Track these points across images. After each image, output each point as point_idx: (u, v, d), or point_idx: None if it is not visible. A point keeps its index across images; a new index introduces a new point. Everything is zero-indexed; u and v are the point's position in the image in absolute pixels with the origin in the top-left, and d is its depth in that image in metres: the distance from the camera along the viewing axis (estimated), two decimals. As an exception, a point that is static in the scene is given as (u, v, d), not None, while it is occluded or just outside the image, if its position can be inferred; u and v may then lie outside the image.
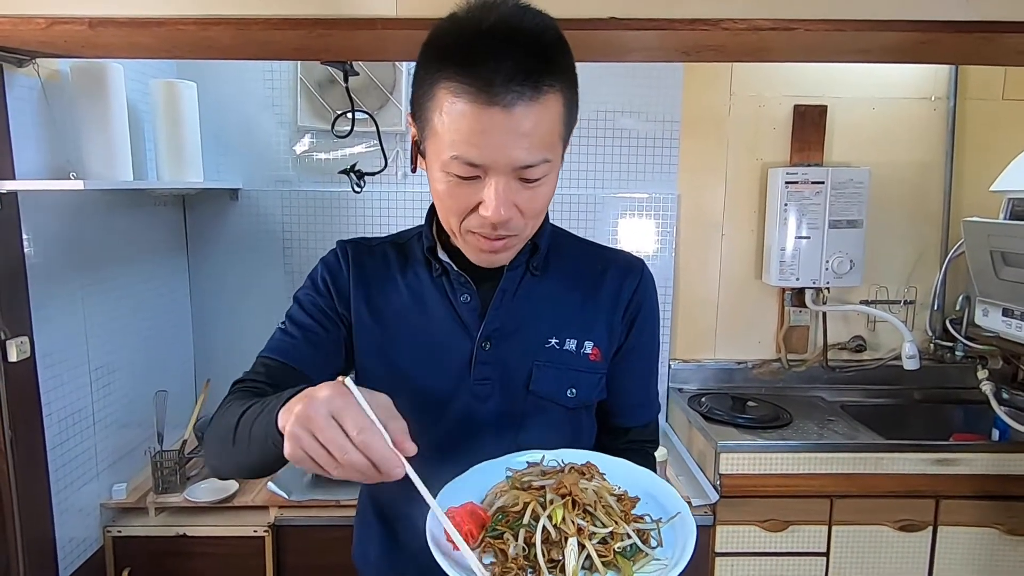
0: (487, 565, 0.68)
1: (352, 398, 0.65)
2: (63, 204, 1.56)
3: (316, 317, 0.94)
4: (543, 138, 0.75)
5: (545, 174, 0.78)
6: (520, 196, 0.77)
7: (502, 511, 0.73)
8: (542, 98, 0.72)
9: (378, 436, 0.64)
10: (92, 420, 1.67)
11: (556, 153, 0.79)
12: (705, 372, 2.34)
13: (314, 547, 1.73)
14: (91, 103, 1.51)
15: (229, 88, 2.11)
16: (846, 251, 2.14)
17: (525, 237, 0.85)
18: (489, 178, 0.75)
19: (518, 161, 0.74)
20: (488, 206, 0.76)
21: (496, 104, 0.70)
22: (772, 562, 1.85)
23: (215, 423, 0.84)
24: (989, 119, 2.24)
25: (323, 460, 0.63)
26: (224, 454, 0.81)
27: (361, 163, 2.08)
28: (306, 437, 0.63)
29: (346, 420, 0.63)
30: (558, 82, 0.74)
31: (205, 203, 2.14)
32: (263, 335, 2.43)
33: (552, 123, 0.76)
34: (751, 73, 2.23)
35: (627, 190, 2.23)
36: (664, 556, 0.73)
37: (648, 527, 0.75)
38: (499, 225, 0.78)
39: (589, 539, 0.70)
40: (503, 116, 0.71)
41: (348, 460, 0.63)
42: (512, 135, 0.72)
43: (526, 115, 0.72)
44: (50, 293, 1.50)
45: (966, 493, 1.84)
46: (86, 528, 1.65)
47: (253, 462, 0.77)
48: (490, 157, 0.73)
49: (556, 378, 0.91)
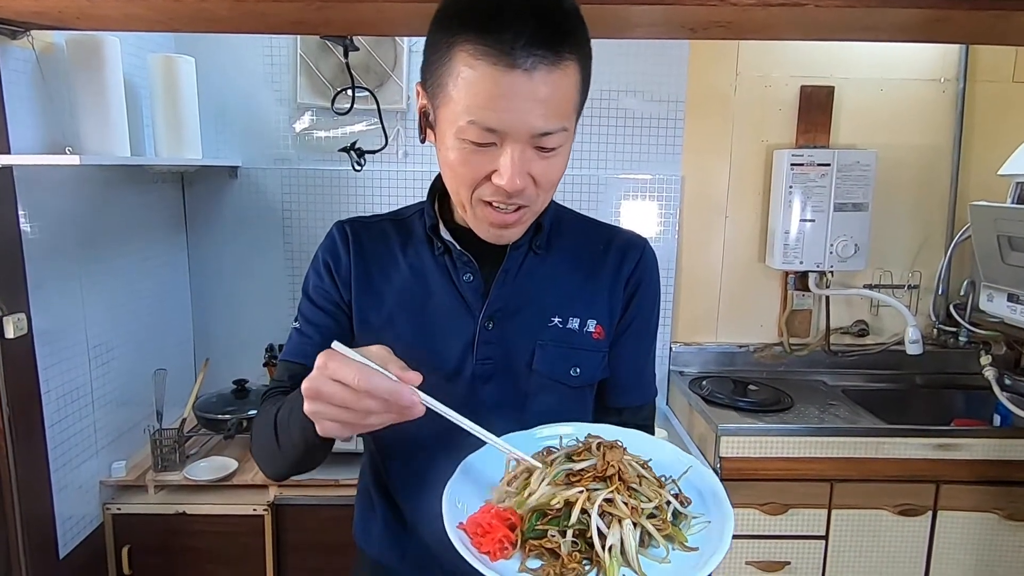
0: (536, 569, 0.66)
1: (343, 356, 0.67)
2: (60, 180, 1.55)
3: (327, 310, 0.93)
4: (561, 106, 0.74)
5: (561, 144, 0.76)
6: (535, 166, 0.76)
7: (537, 511, 0.70)
8: (562, 64, 0.71)
9: (377, 375, 0.66)
10: (91, 398, 1.66)
11: (572, 123, 0.77)
12: (706, 355, 2.33)
13: (313, 526, 1.74)
14: (87, 77, 1.49)
15: (228, 64, 2.08)
16: (851, 234, 2.12)
17: (537, 210, 0.83)
18: (505, 146, 0.74)
19: (536, 128, 0.73)
20: (503, 174, 0.74)
21: (517, 68, 0.69)
22: (772, 545, 1.86)
23: (256, 436, 0.89)
24: (999, 102, 2.21)
25: (347, 419, 0.67)
26: (278, 461, 0.86)
27: (361, 141, 2.06)
28: (322, 408, 0.67)
29: (343, 375, 0.65)
30: (577, 50, 0.73)
31: (204, 181, 2.12)
32: (263, 314, 2.43)
33: (570, 91, 0.75)
34: (758, 53, 2.19)
35: (630, 171, 2.21)
36: (698, 512, 0.72)
37: (672, 491, 0.74)
38: (514, 194, 0.76)
39: (640, 515, 0.68)
40: (524, 80, 0.70)
41: (363, 407, 0.66)
42: (531, 100, 0.71)
43: (546, 81, 0.71)
44: (47, 270, 1.49)
45: (966, 478, 1.84)
46: (85, 505, 1.65)
47: (305, 457, 0.82)
48: (508, 122, 0.72)
49: (559, 357, 0.90)
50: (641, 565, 0.65)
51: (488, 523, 0.69)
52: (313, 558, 1.75)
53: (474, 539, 0.68)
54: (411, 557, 0.94)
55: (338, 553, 1.71)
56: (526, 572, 0.65)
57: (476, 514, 0.71)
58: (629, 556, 0.66)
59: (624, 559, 0.66)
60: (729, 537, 0.67)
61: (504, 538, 0.67)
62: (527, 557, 0.67)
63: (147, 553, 1.71)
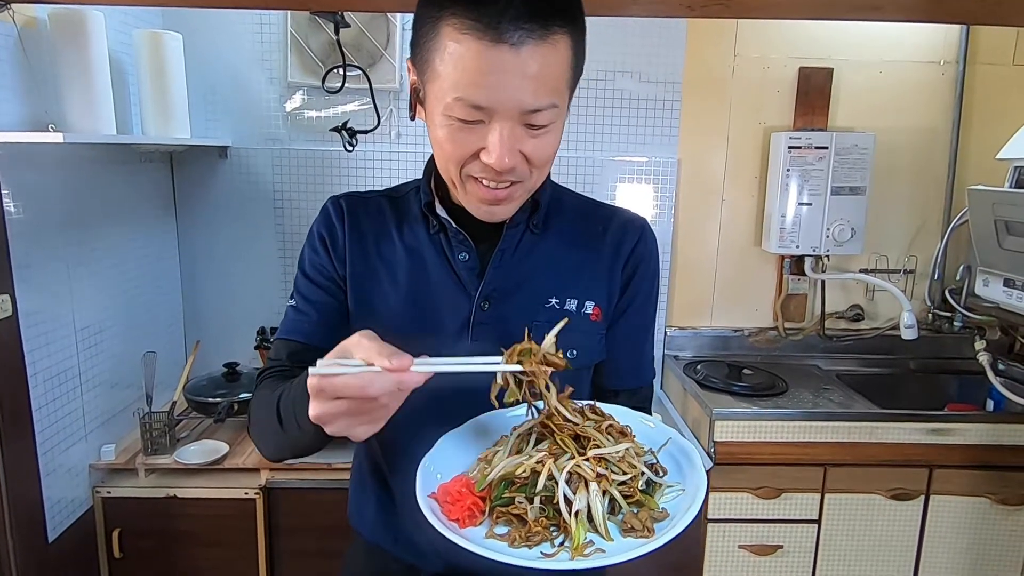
0: (503, 535, 0.66)
1: (331, 377, 0.64)
2: (44, 158, 1.51)
3: (323, 286, 0.91)
4: (551, 82, 0.71)
5: (552, 121, 0.74)
6: (526, 144, 0.74)
7: (505, 479, 0.70)
8: (551, 38, 0.69)
9: (375, 380, 0.62)
10: (79, 380, 1.64)
11: (563, 100, 0.75)
12: (701, 339, 2.32)
13: (306, 509, 1.73)
14: (71, 52, 1.45)
15: (217, 41, 2.04)
16: (847, 218, 2.11)
17: (530, 188, 0.81)
18: (494, 123, 0.72)
19: (525, 104, 0.71)
20: (492, 152, 0.72)
21: (504, 42, 0.67)
22: (764, 529, 1.86)
23: (256, 420, 0.87)
24: (998, 85, 2.19)
25: (367, 420, 0.66)
26: (284, 447, 0.84)
27: (353, 121, 2.03)
28: (342, 424, 0.65)
29: (344, 392, 0.63)
30: (568, 24, 0.71)
31: (193, 161, 2.08)
32: (254, 296, 2.40)
33: (560, 67, 0.72)
34: (756, 34, 2.16)
35: (626, 153, 2.18)
36: (673, 482, 0.72)
37: (648, 460, 0.74)
38: (503, 172, 0.74)
39: (611, 483, 0.68)
40: (511, 55, 0.68)
41: (373, 408, 0.64)
42: (520, 76, 0.69)
43: (534, 55, 0.68)
44: (33, 250, 1.46)
45: (959, 463, 1.84)
46: (75, 488, 1.64)
47: (312, 445, 0.80)
48: (496, 99, 0.70)
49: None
50: (608, 530, 0.66)
51: (458, 491, 0.69)
52: (305, 541, 1.74)
53: (444, 507, 0.69)
54: (404, 538, 0.93)
55: (330, 536, 1.70)
56: (493, 538, 0.66)
57: (448, 483, 0.71)
58: (596, 521, 0.66)
59: (591, 525, 0.66)
60: (699, 503, 0.67)
61: (473, 505, 0.68)
62: (495, 524, 0.68)
63: (138, 537, 1.70)
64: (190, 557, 1.72)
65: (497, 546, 0.65)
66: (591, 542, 0.65)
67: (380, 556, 0.97)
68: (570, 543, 0.65)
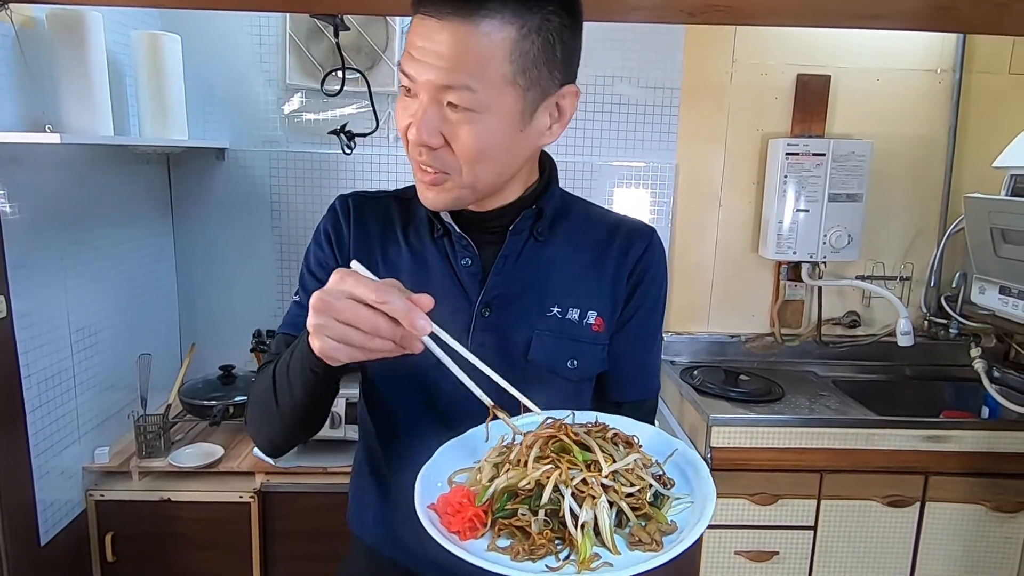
0: (505, 548, 0.64)
1: (361, 275, 0.67)
2: (41, 159, 1.50)
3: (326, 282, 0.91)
4: (470, 64, 0.72)
5: (468, 105, 0.73)
6: (446, 126, 0.75)
7: (508, 491, 0.68)
8: (478, 20, 0.71)
9: (395, 292, 0.65)
10: (73, 382, 1.63)
11: (488, 88, 0.73)
12: (698, 345, 2.32)
13: (301, 513, 1.72)
14: (68, 53, 1.45)
15: (215, 43, 2.03)
16: (845, 225, 2.11)
17: (464, 183, 0.80)
18: (419, 96, 0.75)
19: (434, 79, 0.73)
20: (413, 124, 0.76)
21: (431, 16, 0.72)
22: (760, 535, 1.86)
23: (253, 402, 0.87)
24: (995, 93, 2.20)
25: (353, 337, 0.66)
26: (275, 423, 0.84)
27: (352, 124, 2.02)
28: (329, 323, 0.66)
29: (361, 291, 0.65)
30: (508, 12, 0.71)
31: (190, 162, 2.08)
32: (250, 299, 2.39)
33: (488, 52, 0.72)
34: (754, 40, 2.17)
35: (624, 158, 2.18)
36: (681, 493, 0.71)
37: (655, 471, 0.73)
38: (419, 146, 0.77)
39: (620, 496, 0.66)
40: (435, 28, 0.71)
41: (374, 325, 0.65)
42: (437, 50, 0.72)
43: (455, 32, 0.71)
44: (28, 251, 1.45)
45: (955, 470, 1.84)
46: (68, 491, 1.62)
47: (299, 403, 0.79)
48: (415, 69, 0.74)
49: (556, 348, 0.88)
50: (616, 543, 0.64)
51: (458, 502, 0.68)
52: (300, 545, 1.73)
53: (444, 518, 0.67)
54: (404, 543, 0.92)
55: (326, 540, 1.69)
56: (495, 551, 0.64)
57: (447, 494, 0.70)
58: (603, 534, 0.64)
59: (598, 538, 0.65)
60: (708, 517, 0.66)
61: (474, 517, 0.67)
62: (497, 536, 0.66)
63: (131, 540, 1.69)
64: (184, 561, 1.71)
65: (500, 559, 0.63)
66: (597, 555, 0.63)
67: (380, 560, 0.96)
68: (576, 556, 0.63)
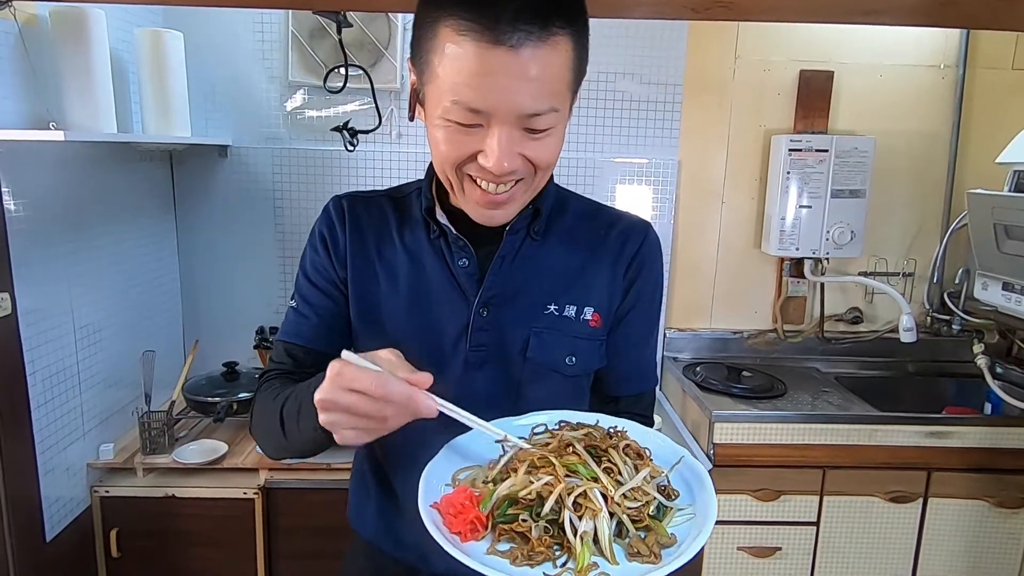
0: (505, 552, 0.65)
1: (355, 365, 0.66)
2: (45, 157, 1.51)
3: (323, 288, 0.91)
4: (551, 84, 0.70)
5: (552, 125, 0.73)
6: (526, 147, 0.73)
7: (510, 498, 0.69)
8: (552, 39, 0.68)
9: (392, 381, 0.65)
10: (78, 379, 1.64)
11: (564, 103, 0.74)
12: (701, 341, 2.32)
13: (305, 509, 1.72)
14: (72, 50, 1.45)
15: (218, 40, 2.03)
16: (847, 221, 2.11)
17: (534, 188, 0.80)
18: (492, 127, 0.71)
19: (524, 108, 0.69)
20: (490, 157, 0.71)
21: (502, 44, 0.66)
22: (763, 531, 1.86)
23: (259, 422, 0.87)
24: (998, 89, 2.19)
25: (366, 426, 0.67)
26: (285, 450, 0.85)
27: (354, 121, 2.02)
28: (339, 418, 0.67)
29: (361, 384, 0.65)
30: (569, 24, 0.69)
31: (193, 160, 2.08)
32: (253, 296, 2.39)
33: (561, 69, 0.71)
34: (757, 37, 2.16)
35: (626, 155, 2.18)
36: (684, 504, 0.71)
37: (660, 482, 0.73)
38: (502, 176, 0.74)
39: (622, 510, 0.67)
40: (509, 57, 0.66)
41: (381, 414, 0.66)
42: (518, 79, 0.67)
43: (534, 58, 0.67)
44: (32, 248, 1.45)
45: (957, 466, 1.84)
46: (73, 488, 1.63)
47: (315, 449, 0.80)
48: (494, 102, 0.68)
49: (554, 345, 0.88)
50: (614, 553, 0.65)
51: (461, 503, 0.68)
52: (304, 542, 1.74)
53: (446, 519, 0.68)
54: (404, 540, 0.93)
55: (330, 537, 1.69)
56: (494, 555, 0.65)
57: (451, 494, 0.70)
58: (602, 544, 0.65)
59: (597, 548, 0.65)
60: (708, 532, 0.67)
61: (476, 519, 0.67)
62: (497, 540, 0.67)
63: (136, 536, 1.70)
64: (188, 557, 1.72)
65: (498, 563, 0.64)
66: (595, 564, 0.64)
67: (380, 557, 0.96)
68: (574, 564, 0.64)
